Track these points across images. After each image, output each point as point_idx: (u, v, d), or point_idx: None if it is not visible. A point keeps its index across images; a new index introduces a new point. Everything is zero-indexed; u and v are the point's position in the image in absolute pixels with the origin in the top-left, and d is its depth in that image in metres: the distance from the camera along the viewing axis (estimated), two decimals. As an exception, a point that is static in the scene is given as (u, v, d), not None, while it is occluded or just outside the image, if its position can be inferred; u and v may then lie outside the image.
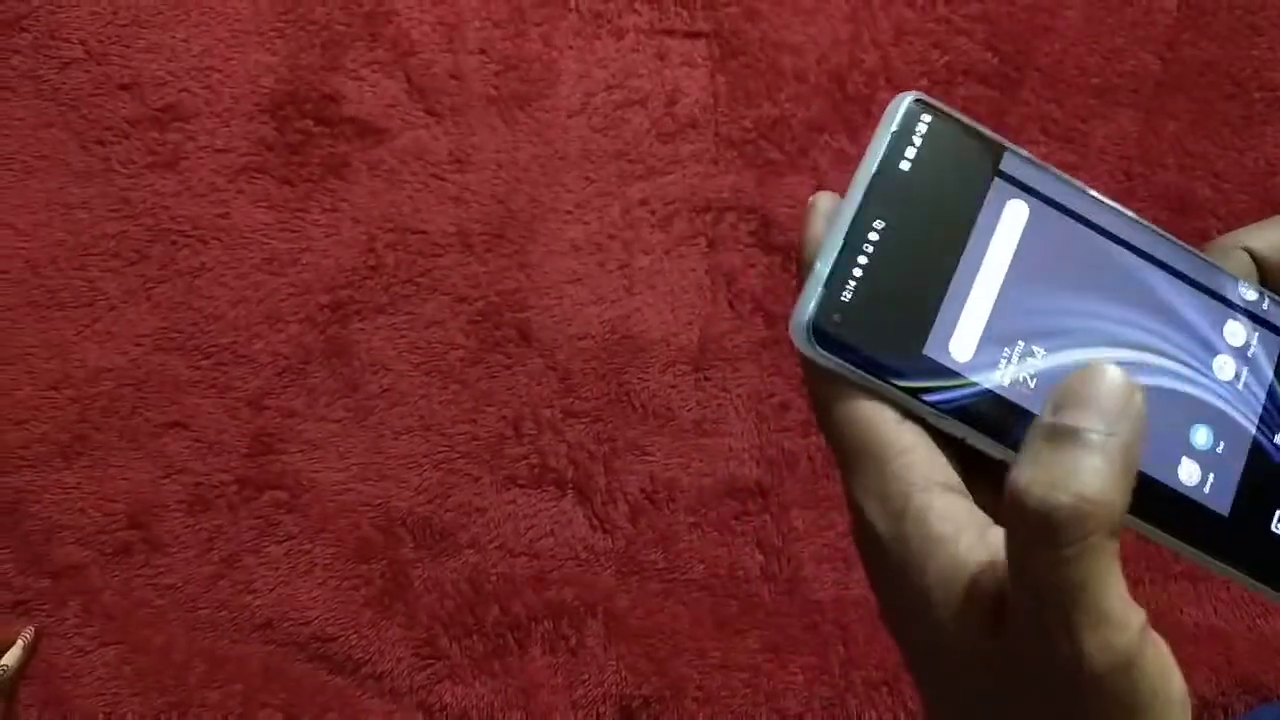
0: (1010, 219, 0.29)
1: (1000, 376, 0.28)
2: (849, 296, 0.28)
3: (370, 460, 1.10)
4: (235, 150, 1.14)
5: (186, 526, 1.09)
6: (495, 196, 1.14)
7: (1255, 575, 0.29)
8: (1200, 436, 0.29)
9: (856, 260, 0.28)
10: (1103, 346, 0.29)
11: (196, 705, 1.07)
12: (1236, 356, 0.30)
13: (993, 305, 0.29)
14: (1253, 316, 0.30)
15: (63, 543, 1.09)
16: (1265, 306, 0.31)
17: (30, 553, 1.09)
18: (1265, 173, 1.14)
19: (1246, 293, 0.30)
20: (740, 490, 1.09)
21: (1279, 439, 0.30)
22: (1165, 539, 0.29)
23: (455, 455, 1.10)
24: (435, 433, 1.10)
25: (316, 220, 1.14)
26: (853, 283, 0.28)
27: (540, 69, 1.16)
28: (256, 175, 1.14)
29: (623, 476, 1.09)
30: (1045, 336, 0.29)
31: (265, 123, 1.15)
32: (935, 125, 0.30)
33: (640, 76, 1.16)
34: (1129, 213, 0.30)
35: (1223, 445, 0.29)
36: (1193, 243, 0.31)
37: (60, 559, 1.09)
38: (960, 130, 0.30)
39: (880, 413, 0.28)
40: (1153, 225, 0.30)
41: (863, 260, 0.28)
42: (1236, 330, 0.30)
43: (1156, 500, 0.29)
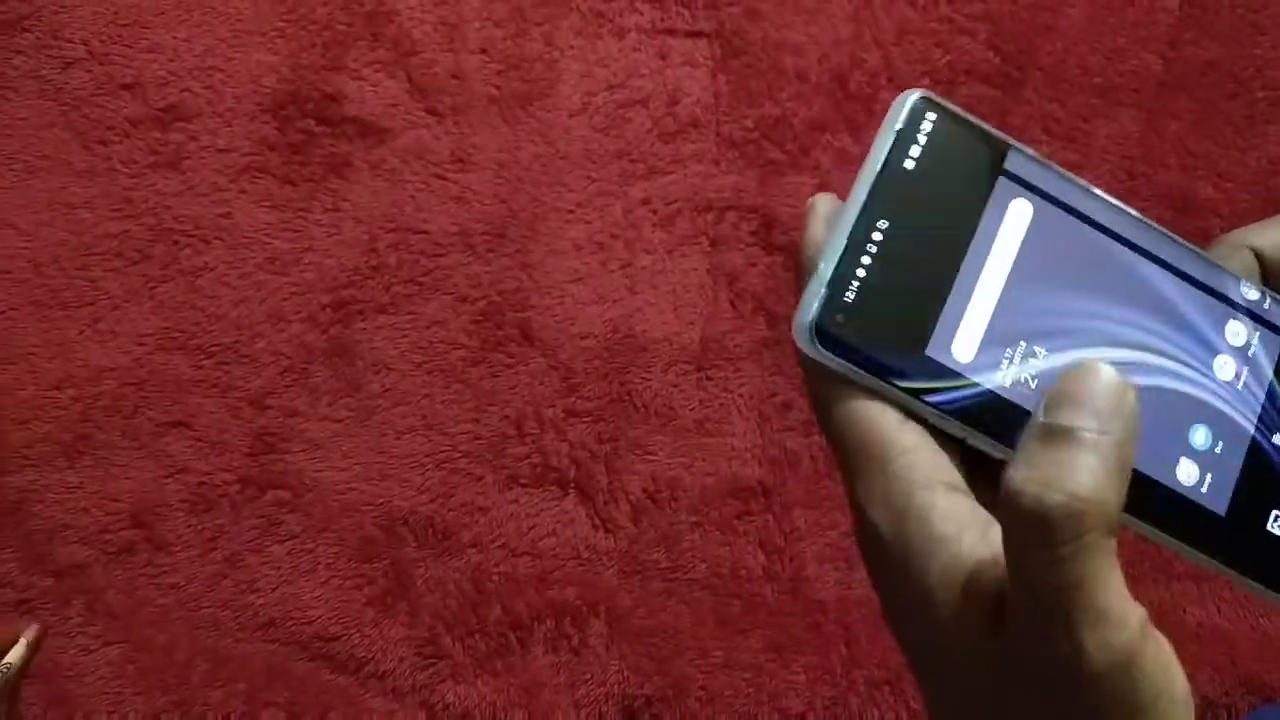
0: (1014, 218, 0.29)
1: (1002, 377, 0.28)
2: (852, 297, 0.28)
3: (373, 460, 1.10)
4: (237, 150, 1.14)
5: (189, 526, 1.09)
6: (497, 196, 1.14)
7: (1251, 575, 0.29)
8: (1199, 437, 0.29)
9: (860, 260, 0.28)
10: (1103, 346, 0.29)
11: (199, 704, 1.07)
12: (1237, 356, 0.30)
13: (995, 305, 0.29)
14: (1254, 316, 0.30)
15: (66, 542, 1.09)
16: (1267, 306, 0.31)
17: (33, 552, 1.09)
18: (1268, 172, 1.14)
19: (1248, 292, 0.30)
20: (742, 490, 1.09)
21: (1277, 439, 0.30)
22: (1162, 538, 0.29)
23: (457, 455, 1.10)
24: (437, 432, 1.10)
25: (318, 220, 1.14)
26: (856, 283, 0.28)
27: (542, 68, 1.16)
28: (258, 175, 1.14)
29: (625, 476, 1.09)
30: (1046, 337, 0.29)
31: (267, 122, 1.15)
32: (940, 123, 0.29)
33: (642, 76, 1.16)
34: (1133, 212, 0.30)
35: (1221, 445, 0.29)
36: (1195, 242, 0.31)
37: (63, 558, 1.09)
38: (965, 128, 0.30)
39: (882, 413, 0.28)
40: (1156, 224, 0.30)
41: (866, 260, 0.28)
42: (1238, 330, 0.30)
43: (1154, 500, 0.29)
